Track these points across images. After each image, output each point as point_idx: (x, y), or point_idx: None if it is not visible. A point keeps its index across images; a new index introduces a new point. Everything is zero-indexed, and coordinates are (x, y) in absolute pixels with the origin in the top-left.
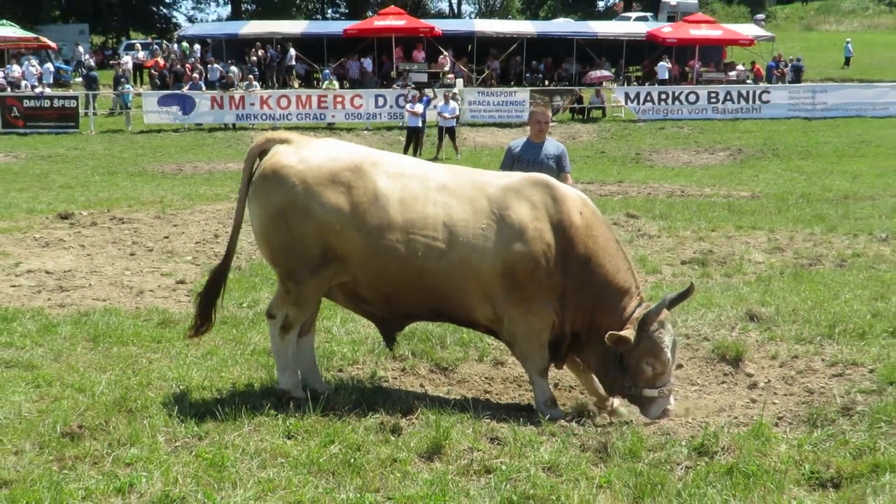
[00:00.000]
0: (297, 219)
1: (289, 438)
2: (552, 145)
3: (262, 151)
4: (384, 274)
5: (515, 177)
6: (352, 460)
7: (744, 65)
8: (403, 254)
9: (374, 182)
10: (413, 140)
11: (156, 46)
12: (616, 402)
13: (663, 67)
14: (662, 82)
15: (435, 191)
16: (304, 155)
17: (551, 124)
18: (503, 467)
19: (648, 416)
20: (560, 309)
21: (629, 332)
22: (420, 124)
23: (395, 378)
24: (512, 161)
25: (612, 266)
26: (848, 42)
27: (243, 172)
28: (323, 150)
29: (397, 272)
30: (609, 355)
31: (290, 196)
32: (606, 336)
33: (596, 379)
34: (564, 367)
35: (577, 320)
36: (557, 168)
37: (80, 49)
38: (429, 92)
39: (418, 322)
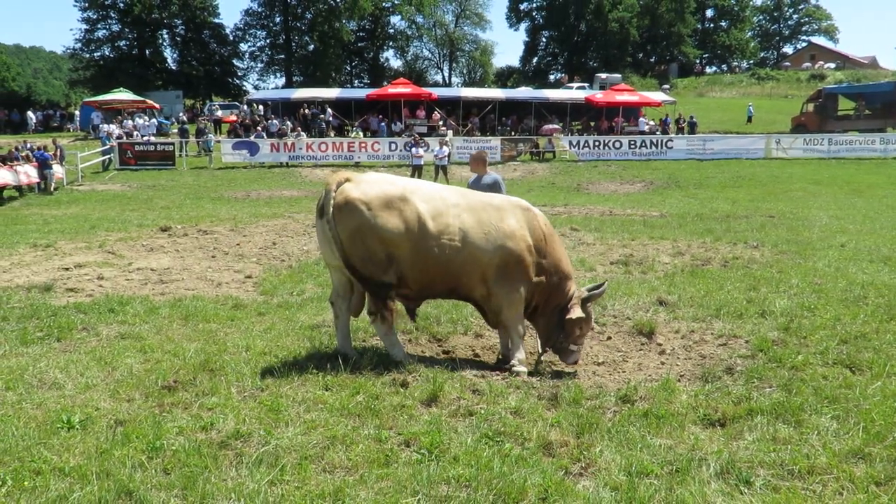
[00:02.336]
0: (367, 235)
1: (326, 390)
2: (490, 178)
3: (334, 190)
4: (424, 268)
5: (504, 199)
6: (372, 406)
7: (654, 121)
8: (437, 254)
9: (415, 205)
10: (416, 174)
11: (222, 109)
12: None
13: (643, 122)
14: (642, 133)
15: (452, 207)
16: (364, 189)
17: (516, 163)
18: (482, 411)
19: (567, 362)
20: (532, 288)
21: (581, 311)
22: (421, 163)
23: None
24: (468, 187)
25: (564, 261)
26: (750, 105)
27: (323, 206)
28: (377, 184)
29: (433, 266)
30: (554, 320)
31: (360, 220)
32: (571, 315)
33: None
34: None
35: (539, 296)
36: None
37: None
38: (422, 140)
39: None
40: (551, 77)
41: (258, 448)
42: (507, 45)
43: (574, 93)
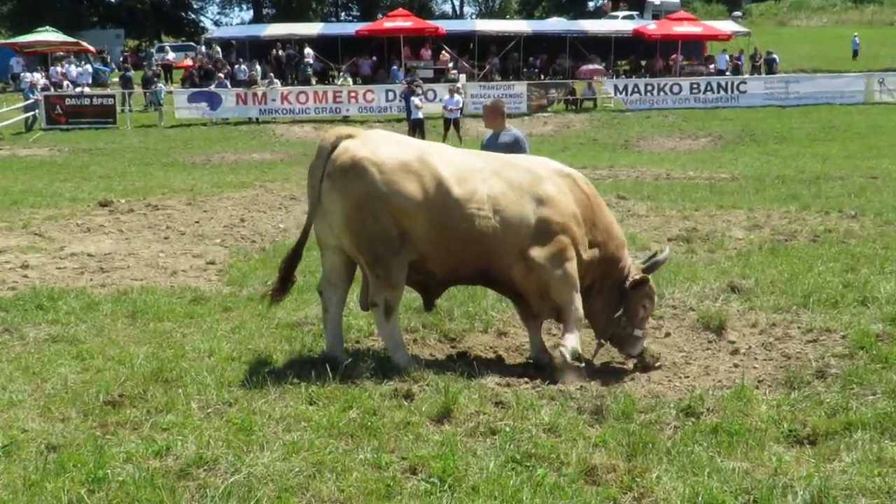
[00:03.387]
0: (377, 205)
1: (311, 404)
2: (509, 135)
3: (333, 148)
4: (450, 246)
5: (536, 161)
6: (369, 424)
7: (727, 53)
8: (464, 228)
9: (436, 168)
10: (417, 132)
11: (174, 51)
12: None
13: (723, 59)
14: (720, 72)
15: (477, 171)
16: (374, 148)
17: (547, 114)
18: (507, 429)
19: (633, 352)
20: (586, 265)
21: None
22: (420, 116)
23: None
24: (482, 147)
25: (615, 227)
26: (855, 36)
27: (315, 168)
28: (387, 142)
29: (460, 243)
30: (612, 300)
31: (370, 186)
32: (632, 279)
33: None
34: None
35: (595, 273)
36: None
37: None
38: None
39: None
40: (591, 4)
41: (226, 478)
42: None
43: (620, 24)
